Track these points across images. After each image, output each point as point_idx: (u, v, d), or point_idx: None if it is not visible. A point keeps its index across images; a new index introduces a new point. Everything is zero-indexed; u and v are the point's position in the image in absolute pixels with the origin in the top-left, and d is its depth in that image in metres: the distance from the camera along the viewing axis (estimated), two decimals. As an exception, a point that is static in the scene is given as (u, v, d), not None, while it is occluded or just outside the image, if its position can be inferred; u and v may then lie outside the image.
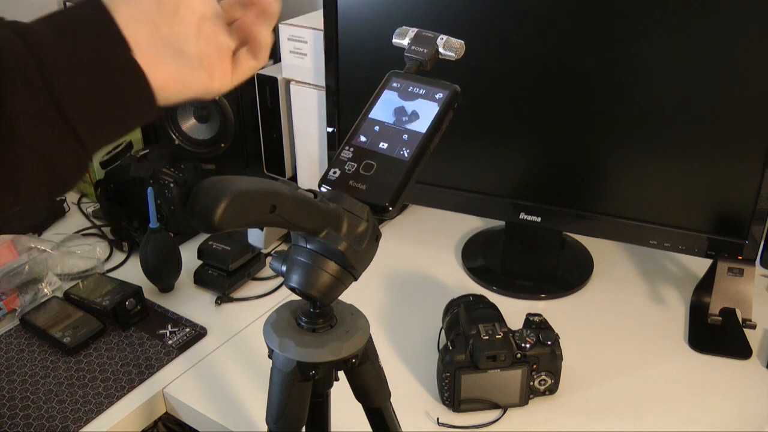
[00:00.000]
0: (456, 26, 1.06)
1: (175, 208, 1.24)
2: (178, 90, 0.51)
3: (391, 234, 1.33)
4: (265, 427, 0.67)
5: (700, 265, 1.18)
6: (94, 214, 1.38)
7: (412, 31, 0.67)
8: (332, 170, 0.61)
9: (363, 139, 0.62)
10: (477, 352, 0.89)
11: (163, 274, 1.16)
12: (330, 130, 1.22)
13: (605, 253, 1.28)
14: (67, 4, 1.39)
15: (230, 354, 1.05)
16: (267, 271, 1.22)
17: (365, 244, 0.58)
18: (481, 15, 1.04)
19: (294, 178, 1.41)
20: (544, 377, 0.94)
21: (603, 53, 1.01)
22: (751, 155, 0.99)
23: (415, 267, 1.25)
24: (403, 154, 0.61)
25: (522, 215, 1.14)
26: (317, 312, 0.63)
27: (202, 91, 0.53)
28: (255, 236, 1.26)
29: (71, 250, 1.25)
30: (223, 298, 1.15)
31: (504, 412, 0.94)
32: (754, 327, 1.04)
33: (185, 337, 1.07)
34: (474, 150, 1.14)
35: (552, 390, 0.95)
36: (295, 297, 0.62)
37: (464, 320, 0.95)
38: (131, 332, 1.08)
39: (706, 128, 1.00)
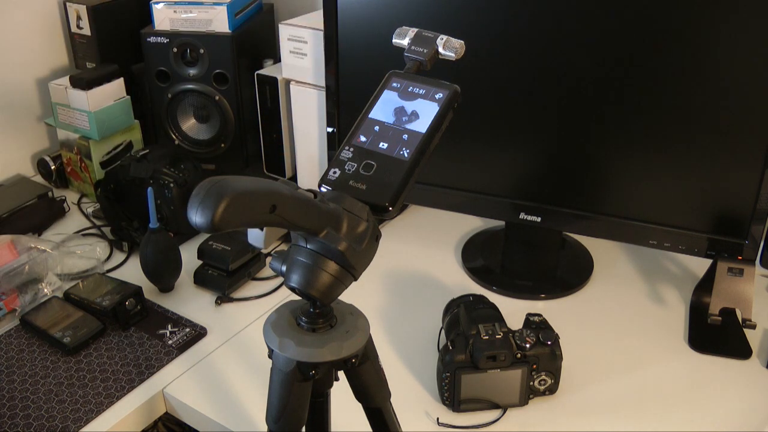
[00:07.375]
0: (456, 26, 1.06)
1: (175, 208, 1.24)
2: None
3: (391, 234, 1.33)
4: (265, 427, 0.67)
5: (700, 265, 1.18)
6: (94, 214, 1.38)
7: (412, 31, 0.67)
8: (332, 170, 0.61)
9: (363, 139, 0.62)
10: (477, 352, 0.89)
11: (163, 274, 1.16)
12: (330, 130, 1.22)
13: (605, 253, 1.27)
14: (67, 5, 1.39)
15: (230, 354, 1.05)
16: (267, 271, 1.22)
17: (365, 244, 0.58)
18: (481, 15, 1.04)
19: (294, 178, 1.41)
20: (544, 377, 0.94)
21: (602, 53, 1.01)
22: (751, 155, 0.99)
23: (415, 267, 1.25)
24: (403, 154, 0.61)
25: (522, 215, 1.14)
26: (317, 312, 0.63)
27: None
28: (255, 236, 1.26)
29: (71, 250, 1.25)
30: (223, 298, 1.15)
31: (504, 412, 0.94)
32: (754, 327, 1.04)
33: (185, 337, 1.07)
34: (474, 150, 1.14)
35: (552, 390, 0.95)
36: (295, 297, 0.62)
37: (464, 320, 0.95)
38: (131, 332, 1.08)
39: (706, 128, 1.00)
